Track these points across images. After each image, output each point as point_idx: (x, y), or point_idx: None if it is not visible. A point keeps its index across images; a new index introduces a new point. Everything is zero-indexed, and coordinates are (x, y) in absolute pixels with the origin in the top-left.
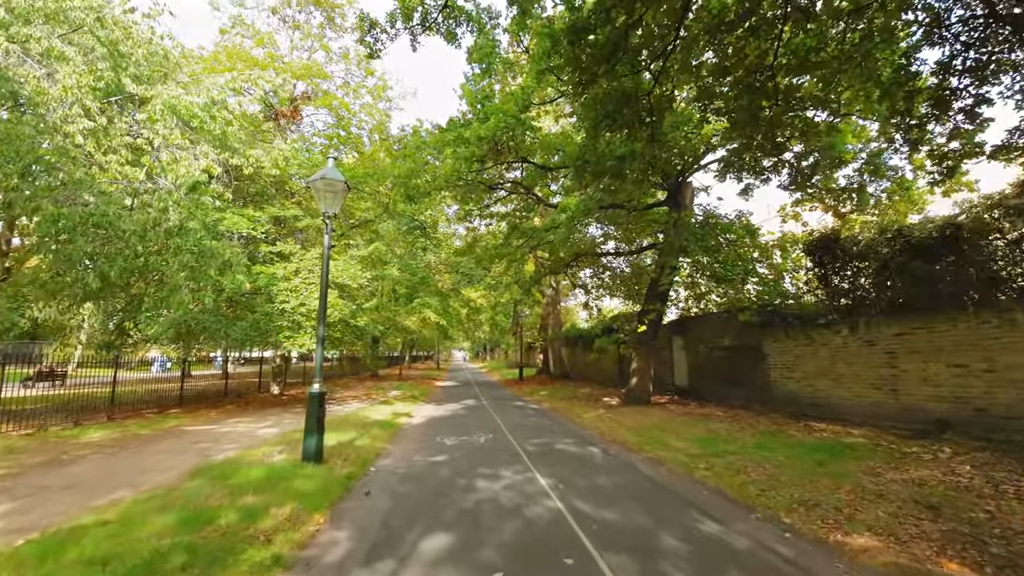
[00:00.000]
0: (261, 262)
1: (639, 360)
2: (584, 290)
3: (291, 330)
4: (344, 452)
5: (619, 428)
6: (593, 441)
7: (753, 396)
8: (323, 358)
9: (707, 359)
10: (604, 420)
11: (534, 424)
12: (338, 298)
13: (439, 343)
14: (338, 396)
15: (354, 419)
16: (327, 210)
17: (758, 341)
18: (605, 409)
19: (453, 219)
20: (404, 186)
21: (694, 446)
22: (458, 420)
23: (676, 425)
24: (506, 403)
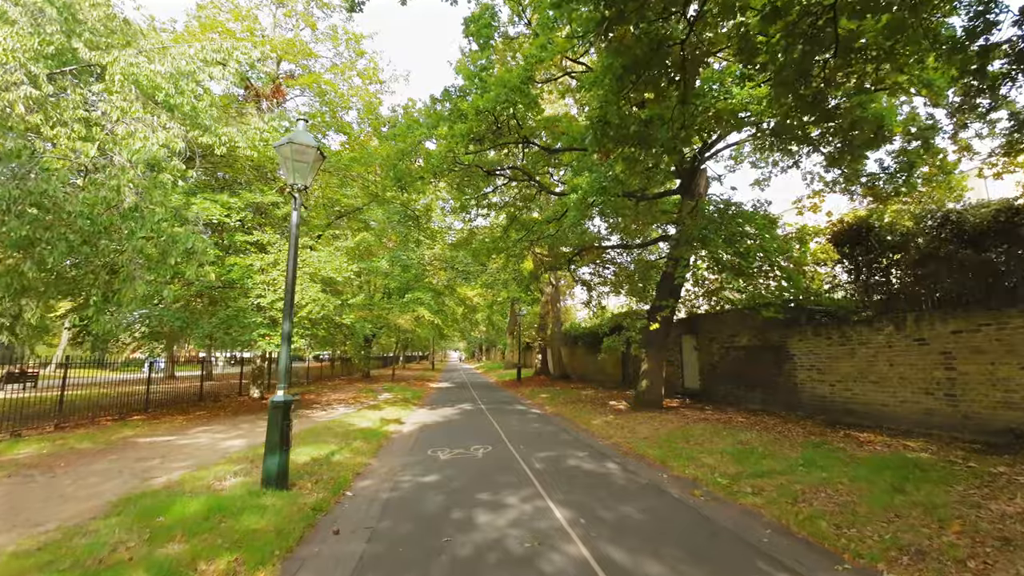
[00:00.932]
0: (236, 253)
1: (650, 361)
2: (587, 287)
3: (267, 328)
4: (317, 471)
5: (634, 437)
6: (608, 454)
7: (775, 400)
8: (312, 359)
9: (721, 360)
10: (615, 427)
11: (538, 432)
12: (321, 292)
13: (434, 343)
14: (323, 399)
15: (337, 427)
16: (296, 182)
17: (782, 340)
18: (614, 414)
19: (448, 212)
20: (394, 169)
21: (728, 461)
22: (453, 428)
23: (697, 433)
24: (505, 407)
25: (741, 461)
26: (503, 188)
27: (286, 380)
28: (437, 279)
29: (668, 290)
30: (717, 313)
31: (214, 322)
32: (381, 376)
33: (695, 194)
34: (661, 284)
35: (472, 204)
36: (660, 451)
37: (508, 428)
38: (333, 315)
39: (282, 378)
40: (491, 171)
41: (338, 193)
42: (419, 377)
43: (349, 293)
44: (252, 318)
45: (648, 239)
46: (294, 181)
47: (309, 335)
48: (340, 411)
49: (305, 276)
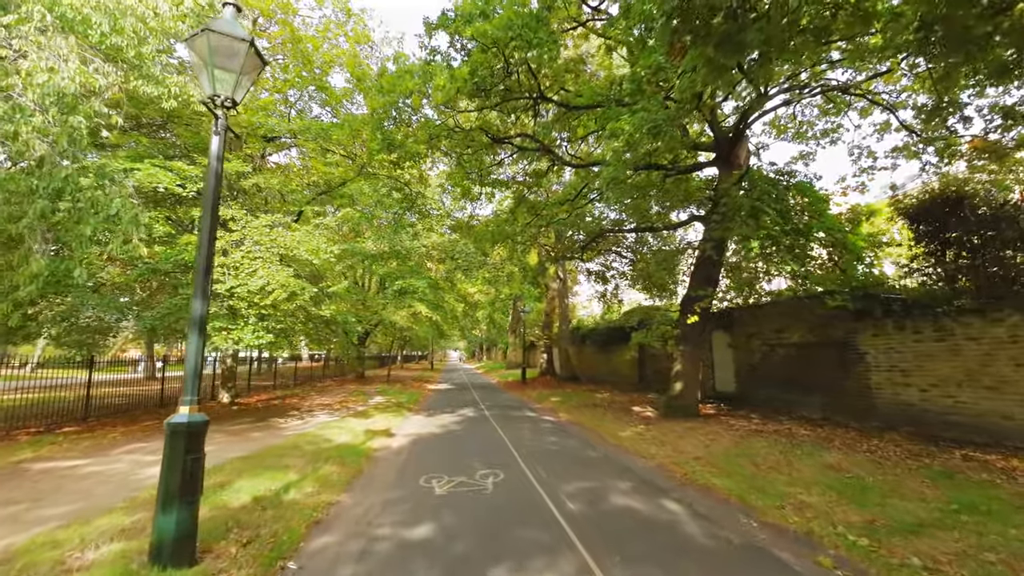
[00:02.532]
0: (192, 230)
1: (684, 361)
2: (601, 280)
3: (225, 320)
4: (254, 522)
5: (682, 456)
6: (660, 484)
7: (840, 407)
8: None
9: (764, 359)
10: (652, 441)
11: (557, 448)
12: (294, 277)
13: (433, 342)
14: (305, 404)
15: (308, 443)
16: (219, 93)
17: (849, 335)
18: (643, 423)
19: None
20: (381, 130)
21: (838, 501)
22: (453, 442)
23: (761, 452)
24: (512, 413)
25: (857, 500)
26: (510, 162)
27: (194, 390)
28: (435, 271)
29: (705, 277)
30: (757, 305)
31: (157, 312)
32: (376, 377)
33: (735, 165)
34: (697, 271)
35: (474, 181)
36: (729, 480)
37: (520, 442)
38: (308, 305)
39: (189, 386)
40: (497, 138)
41: (317, 162)
42: (417, 378)
43: (331, 280)
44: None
45: (669, 223)
46: (215, 92)
47: (279, 329)
48: (320, 420)
49: (274, 257)
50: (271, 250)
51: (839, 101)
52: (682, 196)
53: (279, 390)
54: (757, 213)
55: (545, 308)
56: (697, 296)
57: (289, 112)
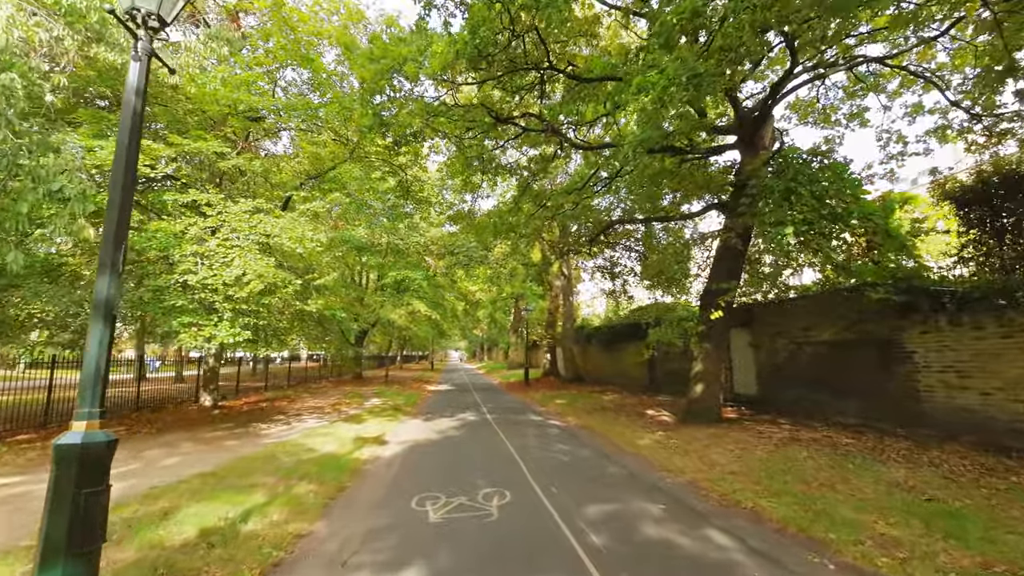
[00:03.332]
0: (163, 215)
1: (706, 360)
2: (610, 276)
3: (194, 314)
4: (192, 569)
5: (715, 471)
6: (699, 508)
7: (882, 412)
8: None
9: (790, 359)
10: (676, 451)
11: (569, 460)
12: (274, 267)
13: (433, 342)
14: (295, 407)
15: (287, 454)
16: (140, 5)
17: (893, 333)
18: (661, 429)
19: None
20: (372, 107)
21: (930, 533)
22: (452, 452)
23: (807, 466)
24: (516, 417)
25: (954, 534)
26: (514, 145)
27: (95, 399)
28: (434, 267)
29: (727, 269)
30: (782, 301)
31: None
32: (375, 378)
33: (759, 148)
34: (718, 262)
35: (475, 168)
36: (779, 503)
37: (527, 452)
38: (291, 299)
39: (87, 395)
40: (501, 118)
41: (305, 142)
42: (416, 378)
43: (321, 272)
44: (174, 301)
45: (683, 213)
46: (133, 5)
47: (261, 325)
48: (306, 425)
49: (254, 246)
50: (250, 238)
51: (868, 82)
52: (701, 183)
53: (271, 391)
54: (791, 195)
55: (548, 306)
56: (719, 290)
57: (273, 89)
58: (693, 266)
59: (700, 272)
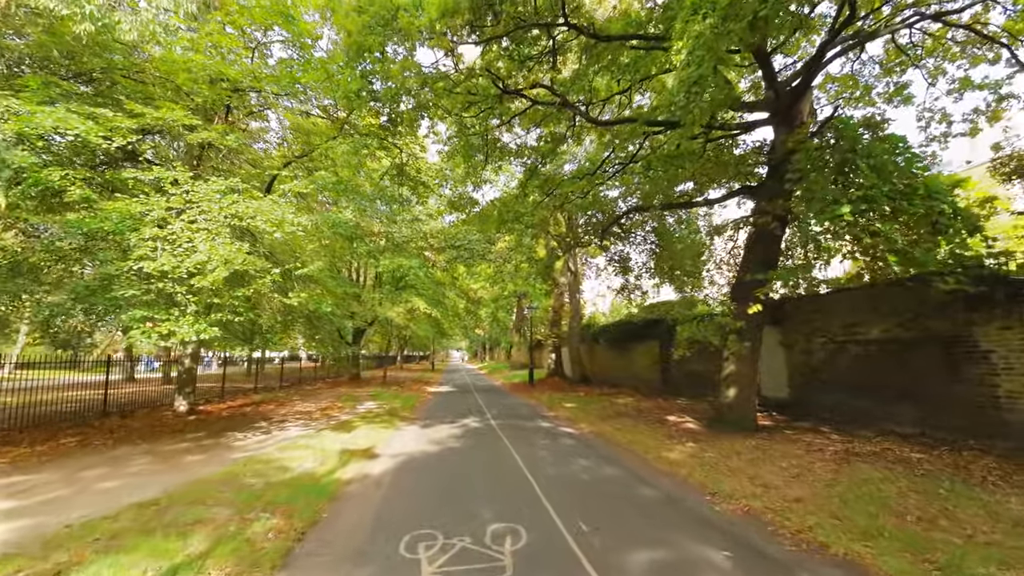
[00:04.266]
0: (118, 194)
1: (739, 361)
2: (622, 269)
3: (149, 307)
4: None
5: (775, 496)
6: (774, 555)
7: (945, 420)
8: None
9: (828, 359)
10: (716, 468)
11: (592, 479)
12: (249, 254)
13: (434, 341)
14: (282, 411)
15: (254, 473)
16: None
17: (963, 328)
18: (691, 440)
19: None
20: (362, 72)
21: None
22: (453, 469)
23: (887, 490)
24: (524, 423)
25: None
26: (521, 121)
27: None
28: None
29: (762, 258)
30: (819, 295)
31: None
32: (374, 379)
33: (797, 123)
34: (751, 251)
35: (479, 148)
36: (883, 551)
37: (540, 468)
38: (268, 291)
39: None
40: (507, 89)
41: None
42: (416, 379)
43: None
44: (126, 291)
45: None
46: None
47: (235, 321)
48: (288, 434)
49: (224, 229)
50: (221, 220)
51: (911, 54)
52: (730, 164)
53: (260, 394)
54: (848, 169)
55: (553, 304)
56: (755, 281)
57: (252, 57)
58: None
59: (721, 266)
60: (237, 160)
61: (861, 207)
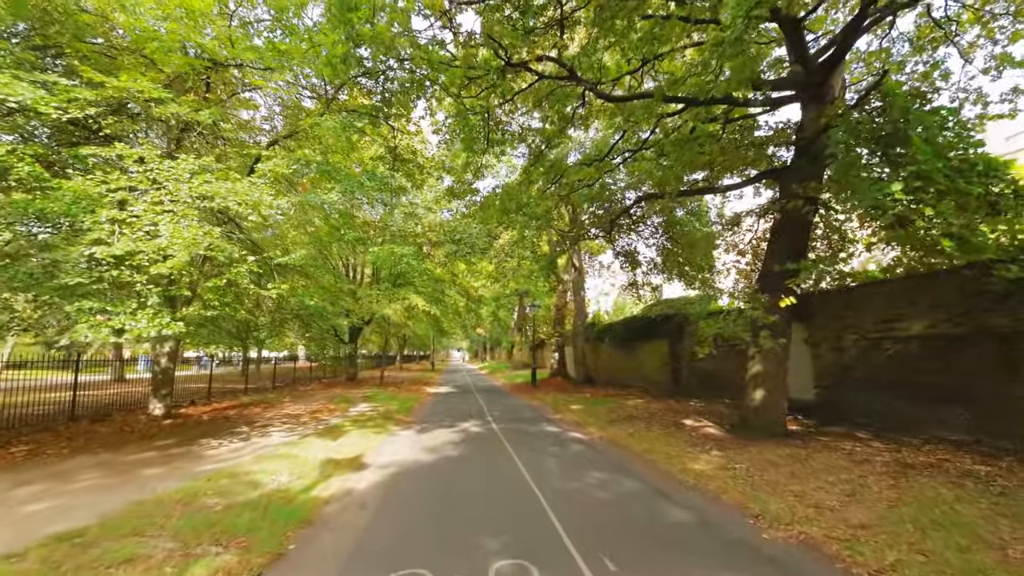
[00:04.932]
0: (75, 171)
1: (767, 361)
2: (631, 263)
3: (99, 298)
4: None
5: (832, 520)
6: None
7: (1006, 427)
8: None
9: (861, 358)
10: (751, 482)
11: (611, 497)
12: (216, 236)
13: (434, 341)
14: (269, 414)
15: (217, 491)
16: None
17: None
18: (716, 447)
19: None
20: (343, 15)
21: None
22: (450, 484)
23: (965, 512)
24: (528, 428)
25: None
26: (526, 101)
27: None
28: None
29: (790, 246)
30: (850, 288)
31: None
32: (371, 379)
33: (827, 99)
34: (777, 240)
35: (479, 129)
36: None
37: (549, 482)
38: (242, 281)
39: None
40: (511, 62)
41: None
42: (415, 380)
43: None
44: (74, 278)
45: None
46: None
47: (206, 315)
48: (268, 441)
49: (192, 210)
50: (190, 202)
51: (947, 29)
52: (753, 147)
53: (250, 395)
54: (897, 142)
55: (556, 302)
56: (784, 272)
57: (228, 23)
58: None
59: (740, 259)
60: (219, 143)
61: (914, 184)
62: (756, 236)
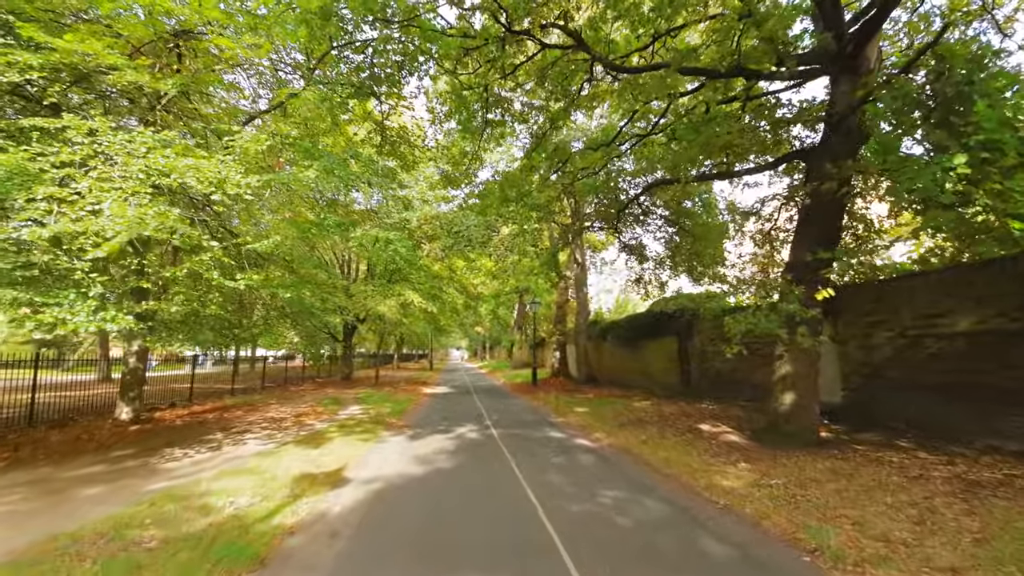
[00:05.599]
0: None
1: (796, 361)
2: (638, 257)
3: (25, 287)
4: None
5: (910, 556)
6: None
7: None
8: None
9: (896, 358)
10: (790, 502)
11: (632, 524)
12: (168, 215)
13: (432, 339)
14: (247, 420)
15: (160, 518)
16: None
17: None
18: (742, 457)
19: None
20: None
21: None
22: (440, 506)
23: None
24: (531, 433)
25: None
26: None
27: None
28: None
29: (820, 233)
30: (884, 281)
31: None
32: (366, 378)
33: (862, 71)
34: (805, 226)
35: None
36: None
37: (557, 503)
38: (203, 269)
39: None
40: (512, 28)
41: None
42: (412, 379)
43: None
44: None
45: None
46: None
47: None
48: (243, 449)
49: (144, 187)
50: (144, 178)
51: (984, 3)
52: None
53: (236, 396)
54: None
55: (557, 299)
56: (817, 261)
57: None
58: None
59: (758, 249)
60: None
61: (981, 157)
62: (774, 227)
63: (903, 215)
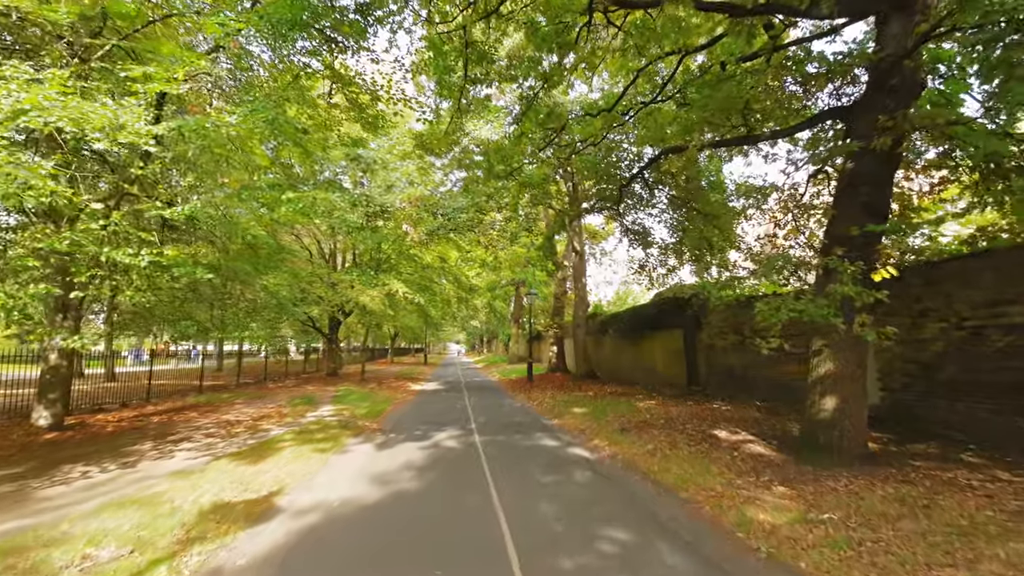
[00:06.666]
0: None
1: (839, 357)
2: (641, 243)
3: None
4: None
5: None
6: None
7: None
8: None
9: (953, 353)
10: (864, 550)
11: None
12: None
13: (427, 333)
14: (201, 422)
15: None
16: None
17: None
18: (774, 477)
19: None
20: None
21: None
22: (384, 556)
23: None
24: (520, 441)
25: None
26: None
27: None
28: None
29: (864, 204)
30: (931, 263)
31: None
32: (353, 374)
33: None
34: (846, 196)
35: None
36: None
37: (544, 551)
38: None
39: None
40: None
41: None
42: (402, 375)
43: (175, 198)
44: None
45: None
46: None
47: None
48: (165, 465)
49: None
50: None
51: None
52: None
53: (205, 394)
54: None
55: (555, 291)
56: (867, 236)
57: None
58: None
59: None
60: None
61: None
62: (801, 202)
63: (948, 189)
